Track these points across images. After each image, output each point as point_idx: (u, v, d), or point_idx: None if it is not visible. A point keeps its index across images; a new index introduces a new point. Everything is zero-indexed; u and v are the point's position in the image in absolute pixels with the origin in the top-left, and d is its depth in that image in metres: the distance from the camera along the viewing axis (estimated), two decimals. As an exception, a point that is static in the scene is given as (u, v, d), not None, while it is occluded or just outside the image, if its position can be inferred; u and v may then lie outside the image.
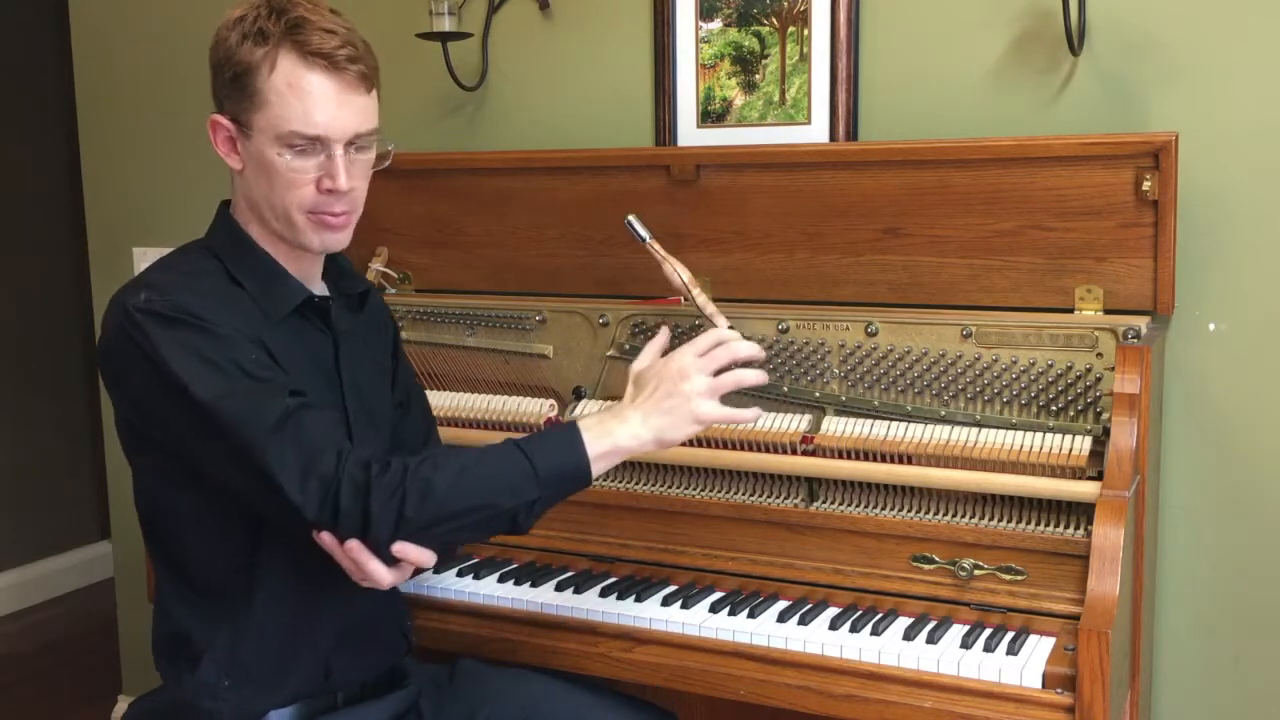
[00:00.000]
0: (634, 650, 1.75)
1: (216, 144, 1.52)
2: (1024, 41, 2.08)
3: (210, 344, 1.42)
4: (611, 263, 2.26)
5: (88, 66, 2.98)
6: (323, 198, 1.49)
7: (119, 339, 1.45)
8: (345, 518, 1.38)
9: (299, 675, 1.56)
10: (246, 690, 1.53)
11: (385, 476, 1.39)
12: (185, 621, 1.54)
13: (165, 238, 2.87)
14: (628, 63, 2.37)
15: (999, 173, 1.95)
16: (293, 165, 1.46)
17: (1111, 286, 1.93)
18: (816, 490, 1.89)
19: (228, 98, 1.48)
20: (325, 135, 1.46)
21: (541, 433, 1.55)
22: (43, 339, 4.31)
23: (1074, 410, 1.82)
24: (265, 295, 1.53)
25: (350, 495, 1.38)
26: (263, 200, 1.51)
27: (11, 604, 4.17)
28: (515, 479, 1.43)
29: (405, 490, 1.38)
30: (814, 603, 1.79)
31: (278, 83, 1.44)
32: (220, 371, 1.41)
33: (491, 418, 2.11)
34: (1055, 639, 1.63)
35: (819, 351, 1.98)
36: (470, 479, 1.42)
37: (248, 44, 1.44)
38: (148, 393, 1.44)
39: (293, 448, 1.39)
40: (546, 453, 1.45)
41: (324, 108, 1.45)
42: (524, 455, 1.44)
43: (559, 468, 1.45)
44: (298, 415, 1.41)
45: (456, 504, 1.41)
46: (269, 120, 1.45)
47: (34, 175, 4.27)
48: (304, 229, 1.51)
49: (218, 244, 1.57)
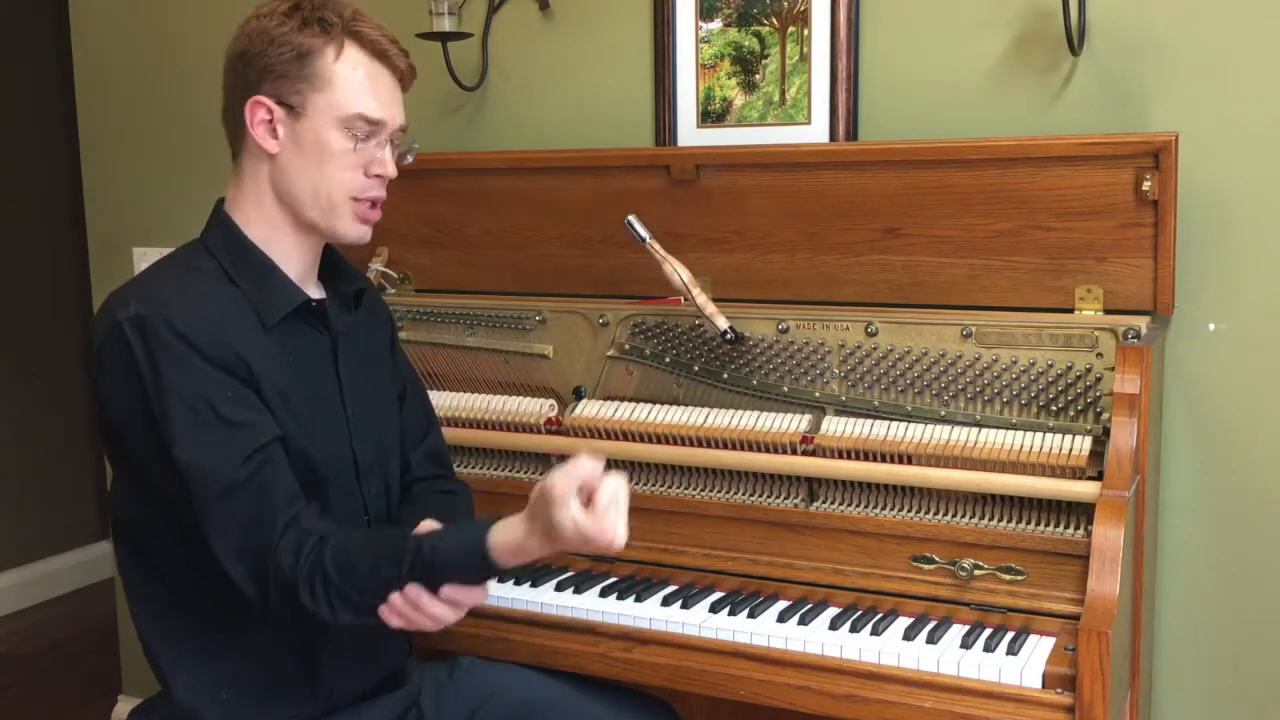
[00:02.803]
0: (634, 650, 1.75)
1: (252, 126, 1.52)
2: (1024, 41, 2.08)
3: (187, 378, 1.41)
4: (611, 263, 2.26)
5: (87, 67, 2.98)
6: (369, 182, 1.55)
7: (106, 348, 1.45)
8: (274, 594, 1.43)
9: (299, 690, 1.56)
10: (248, 703, 1.53)
11: (304, 570, 1.41)
12: (179, 632, 1.54)
13: (165, 238, 2.87)
14: (628, 63, 2.37)
15: (999, 173, 1.95)
16: (350, 147, 1.51)
17: (1111, 286, 1.93)
18: (816, 490, 1.89)
19: (276, 79, 1.50)
20: (384, 120, 1.53)
21: None
22: (43, 339, 4.31)
23: (1074, 410, 1.82)
24: (262, 296, 1.53)
25: (277, 581, 1.42)
26: (304, 184, 1.52)
27: (11, 604, 4.17)
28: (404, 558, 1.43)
29: (326, 594, 1.41)
30: (814, 603, 1.79)
31: (344, 68, 1.50)
32: (192, 413, 1.41)
33: (491, 418, 2.11)
34: (1055, 639, 1.63)
35: (819, 351, 1.98)
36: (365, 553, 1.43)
37: (310, 30, 1.49)
38: (127, 410, 1.45)
39: (236, 516, 1.42)
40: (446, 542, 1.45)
41: (383, 96, 1.53)
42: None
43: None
44: (246, 484, 1.42)
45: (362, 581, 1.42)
46: (332, 101, 1.50)
47: (34, 175, 4.26)
48: (345, 214, 1.55)
49: (214, 243, 1.56)
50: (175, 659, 1.54)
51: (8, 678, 3.62)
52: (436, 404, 2.15)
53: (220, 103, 1.61)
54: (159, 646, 1.55)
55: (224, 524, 1.42)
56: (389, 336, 1.79)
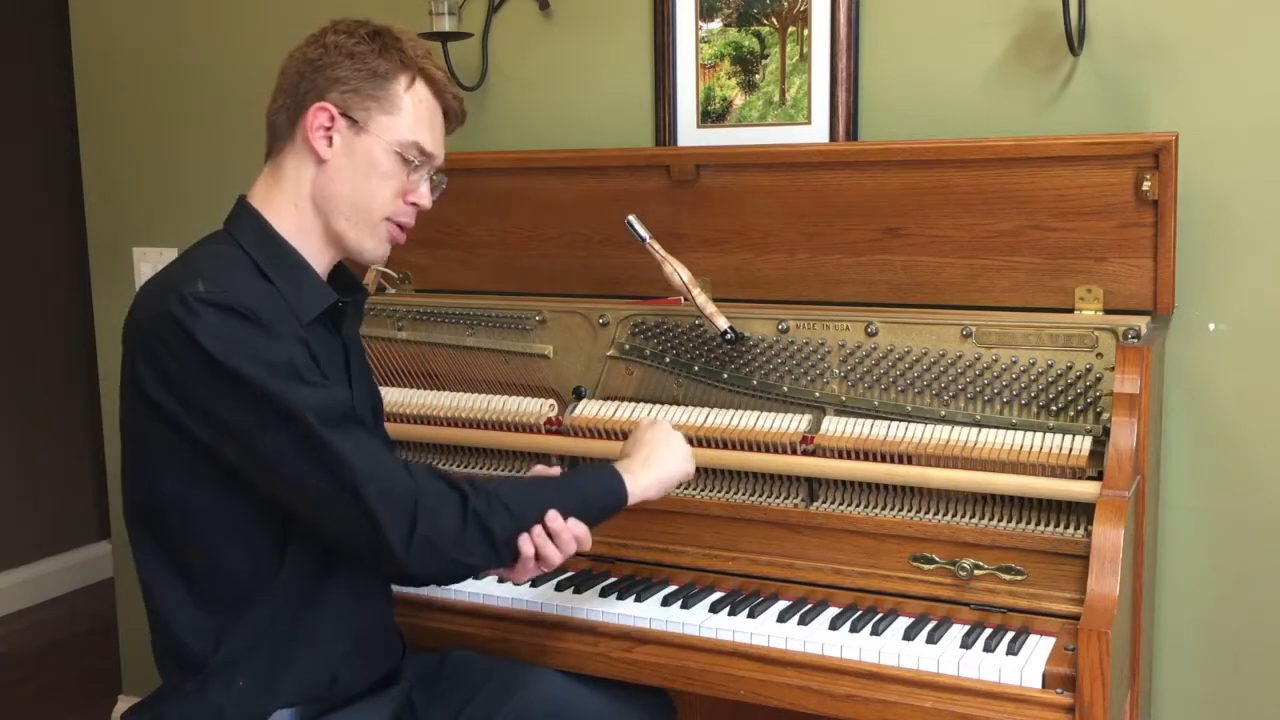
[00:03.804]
0: (634, 650, 1.75)
1: (311, 129, 1.55)
2: (1024, 41, 2.08)
3: (268, 342, 1.44)
4: (611, 263, 2.26)
5: (87, 67, 2.98)
6: (405, 208, 1.62)
7: (168, 324, 1.43)
8: (429, 518, 1.45)
9: (307, 680, 1.56)
10: (254, 692, 1.53)
11: (469, 489, 1.50)
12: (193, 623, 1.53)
13: (165, 238, 2.88)
14: (628, 63, 2.37)
15: (999, 173, 1.95)
16: (397, 171, 1.59)
17: (1111, 286, 1.93)
18: (816, 490, 1.89)
19: (348, 92, 1.55)
20: (435, 155, 1.63)
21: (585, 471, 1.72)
22: (43, 339, 4.31)
23: (1074, 410, 1.82)
24: (295, 294, 1.54)
25: (435, 498, 1.46)
26: (345, 195, 1.57)
27: (11, 604, 4.17)
28: None
29: (489, 502, 1.50)
30: (814, 603, 1.79)
31: (415, 99, 1.59)
32: (279, 371, 1.43)
33: (491, 418, 2.11)
34: (1055, 639, 1.63)
35: (819, 351, 1.98)
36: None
37: (391, 55, 1.57)
38: (195, 381, 1.43)
39: (362, 441, 1.46)
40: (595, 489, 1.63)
41: (438, 134, 1.64)
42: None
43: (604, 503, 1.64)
44: (361, 423, 1.49)
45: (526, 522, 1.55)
46: (394, 125, 1.57)
47: (34, 175, 4.27)
48: (376, 232, 1.61)
49: (245, 238, 1.56)
50: (195, 648, 1.53)
51: (8, 678, 3.62)
52: (436, 404, 2.16)
53: (267, 99, 1.62)
54: (176, 635, 1.54)
55: (357, 445, 1.44)
56: (366, 355, 1.84)
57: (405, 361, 2.27)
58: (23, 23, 4.19)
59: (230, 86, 2.76)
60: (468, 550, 1.47)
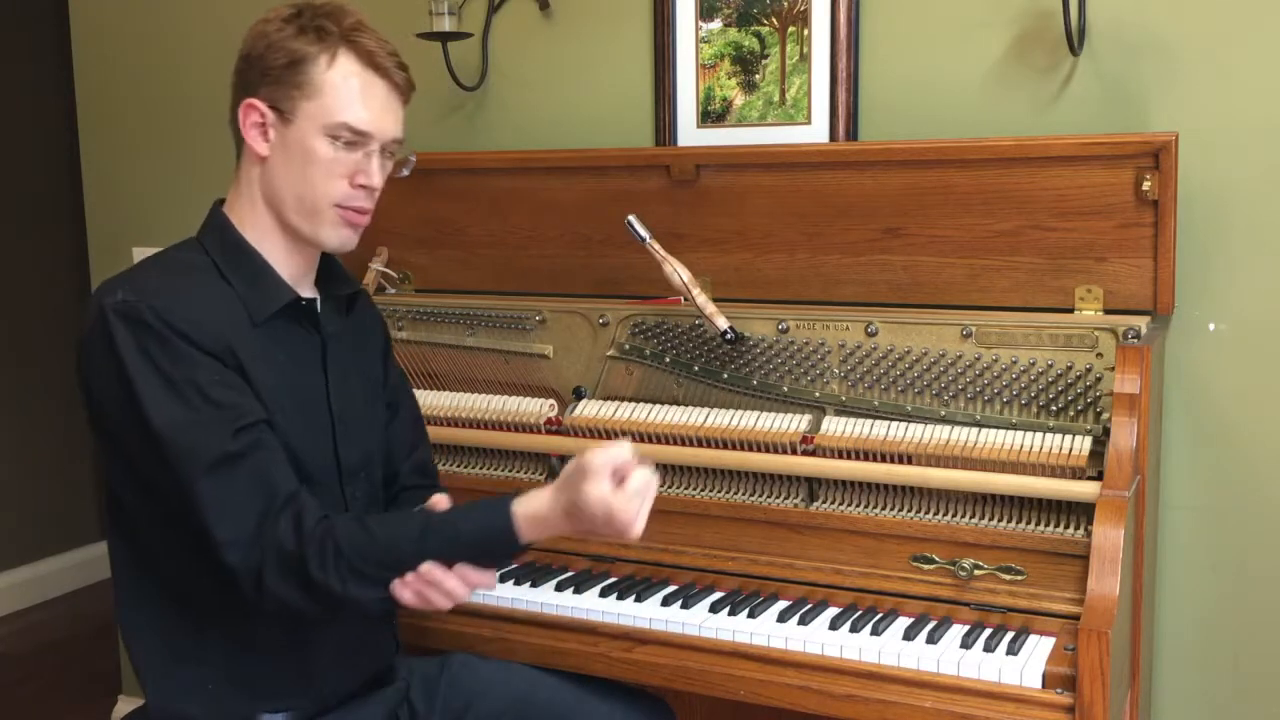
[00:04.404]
0: (634, 650, 1.75)
1: (244, 128, 1.53)
2: (1024, 41, 2.08)
3: (171, 359, 1.42)
4: (611, 263, 2.26)
5: (88, 67, 2.98)
6: (354, 192, 1.54)
7: (91, 335, 1.46)
8: (271, 576, 1.41)
9: (285, 683, 1.56)
10: (239, 698, 1.53)
11: (312, 541, 1.41)
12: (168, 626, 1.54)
13: (165, 238, 2.85)
14: (628, 63, 2.37)
15: (999, 173, 1.95)
16: (334, 156, 1.51)
17: (1111, 286, 1.93)
18: (816, 490, 1.89)
19: (271, 84, 1.51)
20: (371, 132, 1.53)
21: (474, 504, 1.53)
22: (43, 339, 4.31)
23: (1074, 410, 1.82)
24: (252, 294, 1.54)
25: (277, 556, 1.41)
26: (288, 189, 1.54)
27: (11, 604, 4.17)
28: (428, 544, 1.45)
29: (336, 566, 1.41)
30: (814, 603, 1.79)
31: (335, 76, 1.50)
32: (175, 393, 1.41)
33: (491, 418, 2.11)
34: (1055, 639, 1.63)
35: (819, 351, 1.98)
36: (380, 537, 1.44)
37: (306, 37, 1.50)
38: (111, 398, 1.45)
39: (226, 492, 1.41)
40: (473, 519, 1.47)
41: (374, 107, 1.52)
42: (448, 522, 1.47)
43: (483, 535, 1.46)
44: (240, 460, 1.43)
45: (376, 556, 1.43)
46: (320, 109, 1.50)
47: (34, 175, 4.26)
48: (327, 222, 1.55)
49: (209, 241, 1.57)
50: (163, 654, 1.54)
51: (8, 678, 3.62)
52: (436, 404, 2.16)
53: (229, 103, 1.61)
54: (146, 641, 1.55)
55: (215, 498, 1.41)
56: (382, 346, 1.80)
57: (405, 361, 2.26)
58: (23, 23, 4.18)
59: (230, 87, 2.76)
60: (323, 608, 1.44)
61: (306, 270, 1.62)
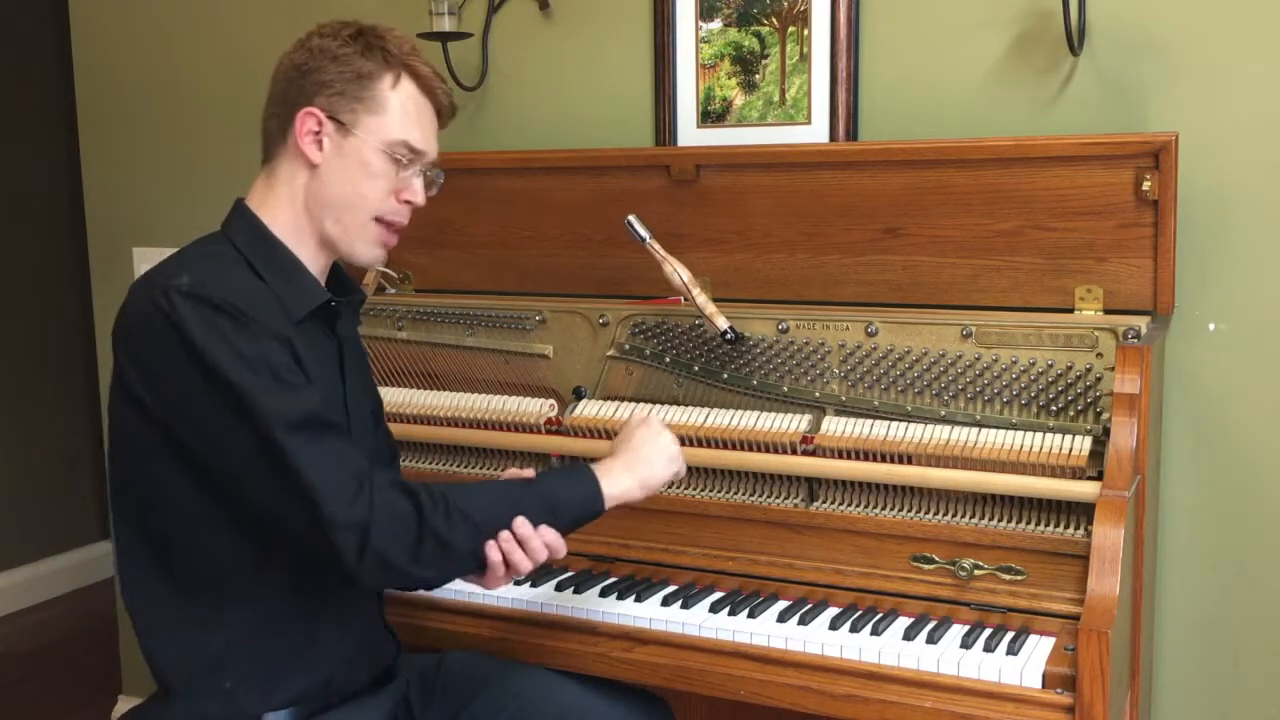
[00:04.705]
0: (634, 650, 1.75)
1: (300, 135, 1.56)
2: (1024, 41, 2.08)
3: (246, 340, 1.44)
4: (611, 263, 2.26)
5: (88, 67, 2.98)
6: (399, 207, 1.61)
7: (153, 318, 1.45)
8: (381, 532, 1.42)
9: (299, 681, 1.56)
10: (244, 693, 1.53)
11: (425, 496, 1.46)
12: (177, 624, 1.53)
13: (165, 238, 2.87)
14: (628, 63, 2.37)
15: (999, 173, 1.95)
16: (388, 171, 1.58)
17: (1111, 286, 1.93)
18: (816, 490, 1.89)
19: (333, 95, 1.55)
20: (425, 152, 1.61)
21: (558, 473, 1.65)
22: (43, 339, 4.31)
23: (1074, 410, 1.82)
24: (287, 292, 1.55)
25: (387, 509, 1.43)
26: (337, 197, 1.57)
27: (11, 604, 4.17)
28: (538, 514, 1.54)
29: (448, 512, 1.47)
30: (814, 603, 1.79)
31: (400, 97, 1.58)
32: (252, 367, 1.43)
33: (491, 418, 2.11)
34: (1055, 639, 1.63)
35: (819, 351, 1.98)
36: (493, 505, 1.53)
37: (373, 56, 1.57)
38: (176, 375, 1.44)
39: (322, 448, 1.44)
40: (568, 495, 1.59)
41: (427, 130, 1.62)
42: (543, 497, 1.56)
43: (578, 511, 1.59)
44: (328, 427, 1.46)
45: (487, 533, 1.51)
46: (382, 125, 1.56)
47: (34, 175, 4.26)
48: (367, 234, 1.61)
49: (239, 238, 1.58)
50: (180, 649, 1.54)
51: (8, 678, 3.62)
52: (436, 404, 2.16)
53: (261, 105, 1.63)
54: (161, 638, 1.54)
55: (312, 451, 1.43)
56: (367, 357, 1.84)
57: (405, 361, 2.27)
58: (23, 23, 4.19)
59: (230, 87, 2.76)
60: (423, 565, 1.46)
61: (323, 277, 1.65)
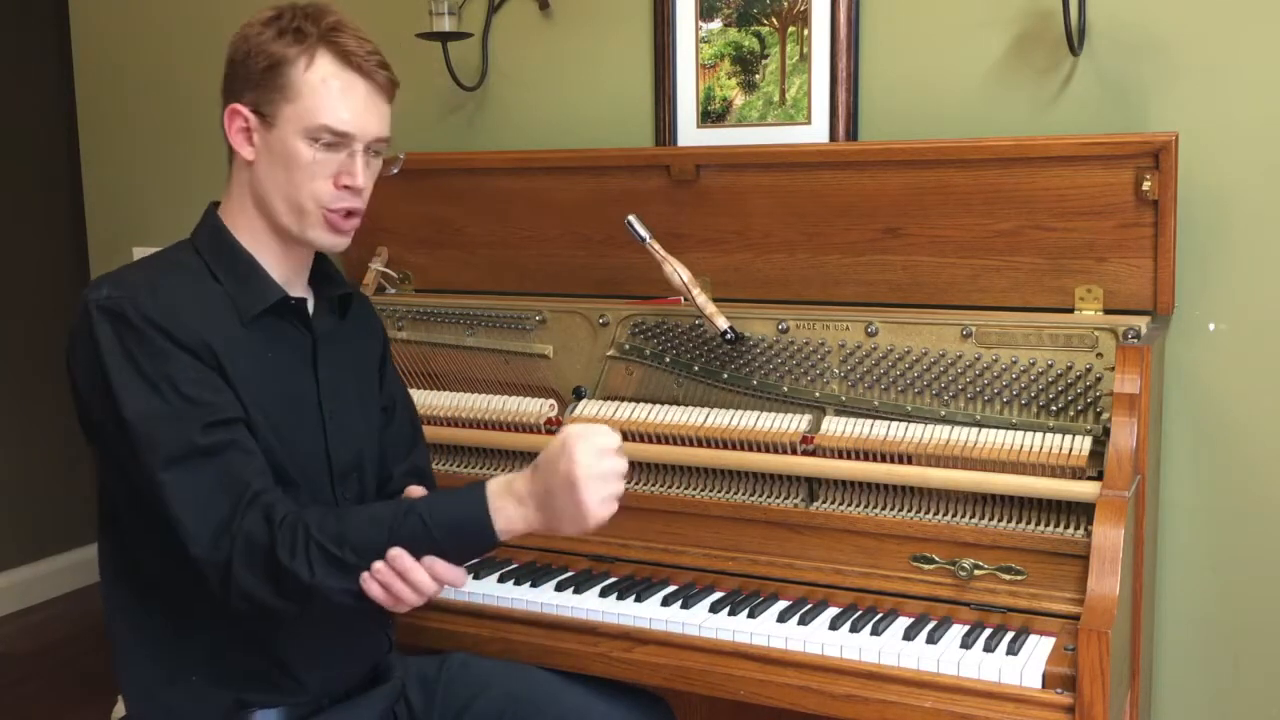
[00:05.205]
0: (634, 650, 1.75)
1: (230, 133, 1.54)
2: (1024, 41, 2.08)
3: (148, 353, 1.43)
4: (611, 263, 2.26)
5: (88, 67, 2.98)
6: (339, 193, 1.54)
7: (77, 331, 1.47)
8: (241, 570, 1.40)
9: (274, 685, 1.56)
10: (223, 694, 1.54)
11: (283, 528, 1.40)
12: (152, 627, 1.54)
13: (165, 238, 2.85)
14: (628, 63, 2.37)
15: (999, 173, 1.95)
16: (317, 158, 1.51)
17: (1111, 286, 1.93)
18: (816, 490, 1.89)
19: (253, 88, 1.52)
20: (352, 133, 1.52)
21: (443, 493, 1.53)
22: (42, 339, 4.30)
23: (1074, 410, 1.82)
24: (241, 292, 1.55)
25: (245, 546, 1.40)
26: (275, 192, 1.54)
27: (11, 604, 4.17)
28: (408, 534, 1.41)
29: (306, 550, 1.39)
30: (814, 603, 1.78)
31: (313, 78, 1.50)
32: (149, 387, 1.42)
33: (491, 418, 2.11)
34: (1055, 639, 1.63)
35: (819, 351, 1.98)
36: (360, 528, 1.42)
37: (285, 39, 1.50)
38: (92, 391, 1.47)
39: (194, 484, 1.41)
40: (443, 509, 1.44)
41: (354, 107, 1.52)
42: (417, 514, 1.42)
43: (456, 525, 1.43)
44: (210, 455, 1.43)
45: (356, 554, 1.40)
46: (300, 112, 1.50)
47: (34, 175, 4.26)
48: (315, 223, 1.55)
49: (200, 242, 1.59)
50: (143, 650, 1.55)
51: (8, 678, 3.61)
52: (436, 404, 2.16)
53: None
54: (128, 639, 1.56)
55: (181, 490, 1.41)
56: (380, 351, 1.80)
57: (405, 361, 2.27)
58: (23, 23, 4.18)
59: (228, 87, 2.76)
60: (289, 601, 1.42)
61: (299, 270, 1.63)
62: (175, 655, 1.54)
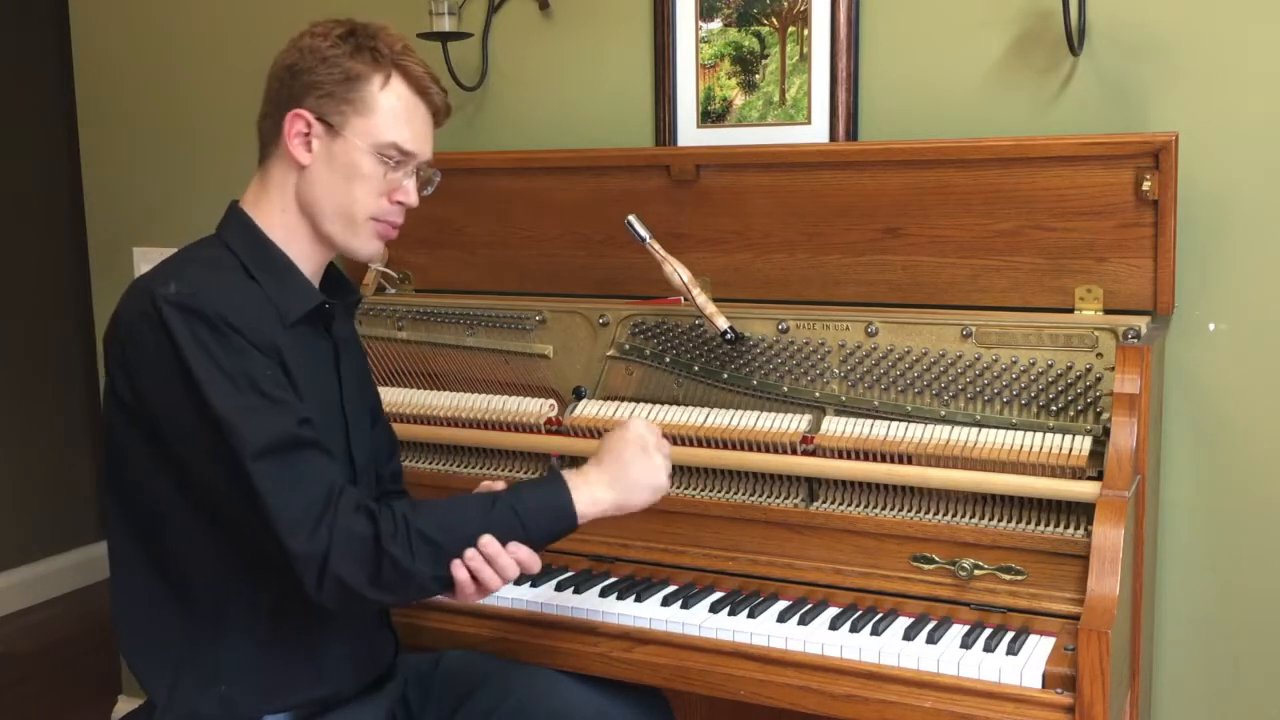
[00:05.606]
0: (634, 650, 1.75)
1: (289, 136, 1.55)
2: (1024, 41, 2.08)
3: (228, 352, 1.44)
4: (611, 263, 2.26)
5: (88, 67, 2.98)
6: (391, 208, 1.60)
7: (141, 325, 1.46)
8: (340, 561, 1.41)
9: (296, 685, 1.57)
10: (249, 698, 1.53)
11: (384, 519, 1.44)
12: (173, 627, 1.54)
13: (165, 238, 2.87)
14: (628, 63, 2.37)
15: (999, 173, 1.95)
16: (379, 173, 1.57)
17: (1111, 286, 1.93)
18: (816, 490, 1.89)
19: (322, 97, 1.54)
20: (415, 153, 1.59)
21: (528, 485, 1.60)
22: (43, 339, 4.31)
23: (1074, 410, 1.82)
24: (281, 294, 1.55)
25: (345, 536, 1.42)
26: (328, 199, 1.56)
27: (11, 604, 4.17)
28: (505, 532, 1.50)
29: (409, 537, 1.44)
30: (814, 603, 1.79)
31: (389, 98, 1.56)
32: (233, 384, 1.43)
33: (491, 418, 2.11)
34: (1055, 639, 1.63)
35: (819, 351, 1.98)
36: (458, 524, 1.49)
37: (362, 56, 1.55)
38: (162, 386, 1.45)
39: (290, 474, 1.43)
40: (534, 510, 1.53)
41: (419, 130, 1.60)
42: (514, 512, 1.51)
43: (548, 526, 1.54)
44: (301, 448, 1.45)
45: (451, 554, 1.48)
46: (371, 127, 1.55)
47: (34, 175, 4.27)
48: (363, 233, 1.59)
49: (235, 241, 1.58)
50: (172, 656, 1.54)
51: (8, 678, 3.62)
52: (436, 404, 2.16)
53: (259, 108, 1.62)
54: (151, 647, 1.55)
55: (278, 481, 1.42)
56: (365, 356, 1.84)
57: (405, 361, 2.27)
58: (23, 23, 4.18)
59: (229, 87, 2.76)
60: (384, 590, 1.44)
61: (318, 274, 1.65)
62: (210, 663, 1.53)
